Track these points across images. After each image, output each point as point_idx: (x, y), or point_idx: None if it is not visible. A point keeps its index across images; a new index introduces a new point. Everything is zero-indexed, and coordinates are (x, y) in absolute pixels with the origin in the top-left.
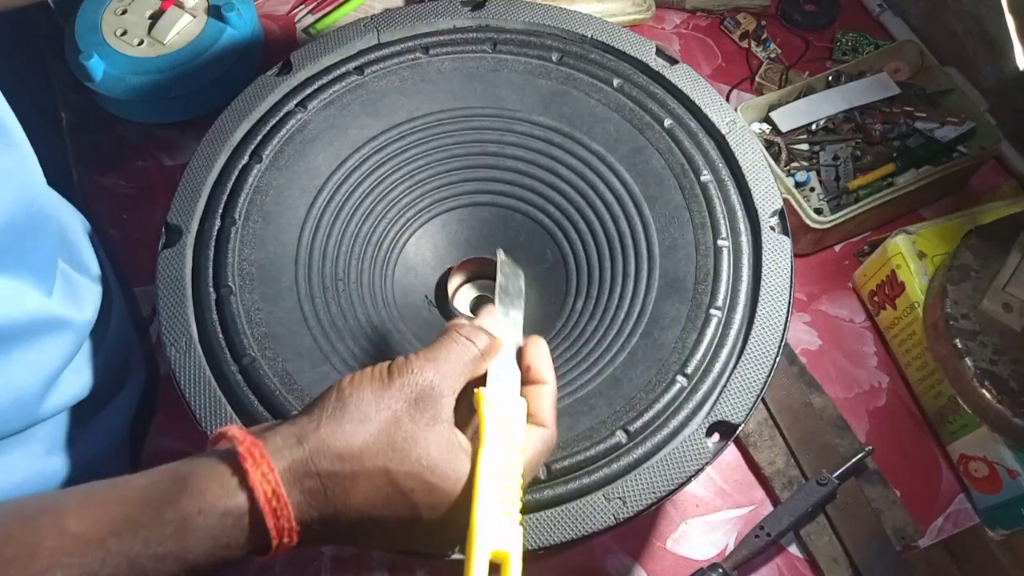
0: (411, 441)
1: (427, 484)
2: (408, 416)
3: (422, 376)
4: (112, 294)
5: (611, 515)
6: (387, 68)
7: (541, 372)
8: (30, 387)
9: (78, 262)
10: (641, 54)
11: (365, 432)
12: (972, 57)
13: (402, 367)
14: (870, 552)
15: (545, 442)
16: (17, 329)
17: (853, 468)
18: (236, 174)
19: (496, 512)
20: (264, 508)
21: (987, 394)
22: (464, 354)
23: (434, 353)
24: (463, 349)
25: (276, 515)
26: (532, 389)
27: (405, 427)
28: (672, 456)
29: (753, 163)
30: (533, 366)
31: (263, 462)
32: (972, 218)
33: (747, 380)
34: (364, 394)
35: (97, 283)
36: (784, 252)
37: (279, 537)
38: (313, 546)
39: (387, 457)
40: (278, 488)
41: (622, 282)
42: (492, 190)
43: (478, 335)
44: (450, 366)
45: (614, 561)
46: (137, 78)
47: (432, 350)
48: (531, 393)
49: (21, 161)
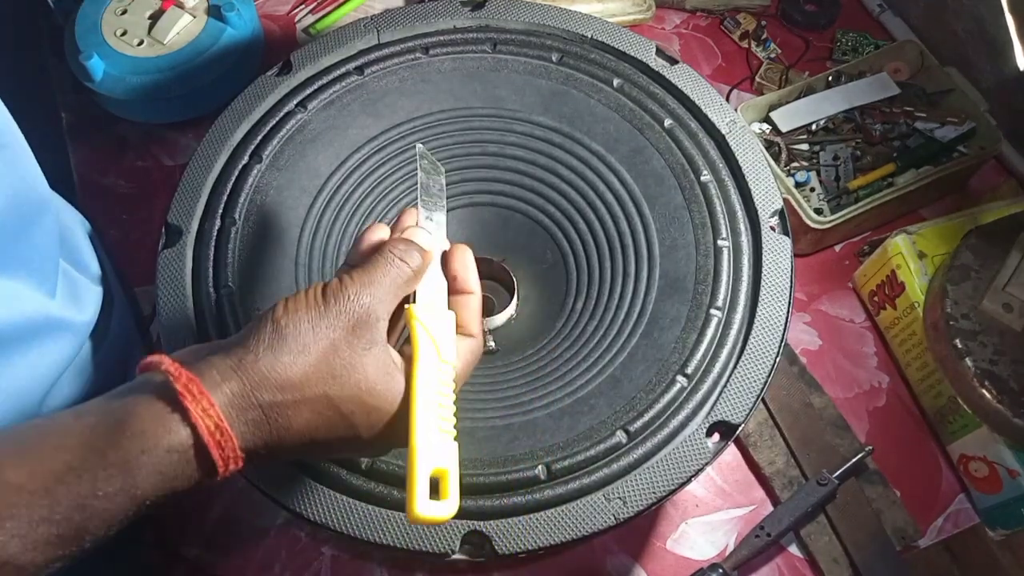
0: (349, 367)
1: (366, 406)
2: (346, 343)
3: (358, 302)
4: (113, 294)
5: (611, 515)
6: (387, 68)
7: (468, 282)
8: (30, 389)
9: (78, 262)
10: (641, 54)
11: (304, 362)
12: (972, 57)
13: (337, 292)
14: (870, 552)
15: (473, 352)
16: (16, 331)
17: (853, 468)
18: (236, 174)
19: (432, 430)
20: (208, 442)
21: (987, 394)
22: (399, 276)
23: (369, 276)
24: (397, 271)
25: (221, 447)
26: (459, 300)
27: (343, 354)
28: (672, 456)
29: (753, 163)
30: (459, 276)
31: (202, 398)
32: (972, 218)
33: (747, 380)
34: (300, 323)
35: (97, 284)
36: (784, 252)
37: (225, 465)
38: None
39: (327, 384)
40: (220, 422)
41: (622, 282)
42: (492, 190)
43: (411, 254)
44: (385, 289)
45: (614, 561)
46: (137, 78)
47: (367, 272)
48: (458, 304)
49: (14, 160)
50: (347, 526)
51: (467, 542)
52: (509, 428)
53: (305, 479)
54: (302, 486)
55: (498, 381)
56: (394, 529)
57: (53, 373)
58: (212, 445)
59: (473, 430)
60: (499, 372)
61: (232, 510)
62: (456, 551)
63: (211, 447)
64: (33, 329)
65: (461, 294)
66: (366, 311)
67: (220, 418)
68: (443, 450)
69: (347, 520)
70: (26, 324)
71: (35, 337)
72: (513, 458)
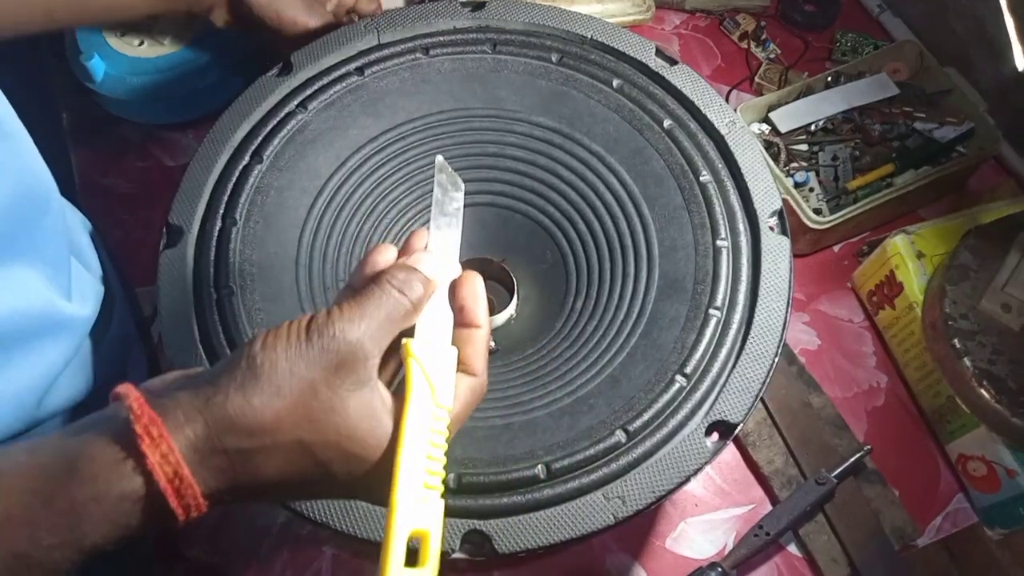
0: (329, 411)
1: (345, 453)
2: (326, 384)
3: (345, 338)
4: (113, 294)
5: (610, 514)
6: (387, 69)
7: (476, 315)
8: (30, 388)
9: (81, 260)
10: (641, 55)
11: (278, 404)
12: (972, 57)
13: (323, 327)
14: (869, 551)
15: (474, 392)
16: (26, 324)
17: (852, 467)
18: (237, 175)
19: (417, 488)
20: (166, 490)
21: (985, 394)
22: (395, 309)
23: (361, 309)
24: (394, 304)
25: (180, 494)
26: (463, 333)
27: (323, 396)
28: (671, 455)
29: (752, 163)
30: (467, 307)
31: (162, 442)
32: (971, 218)
33: (746, 380)
34: (278, 361)
35: (99, 282)
36: (783, 252)
37: (186, 513)
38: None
39: (302, 429)
40: (180, 469)
41: (622, 282)
42: (492, 190)
43: (412, 285)
44: (378, 323)
45: (614, 560)
46: (138, 78)
47: (359, 305)
48: (462, 338)
49: (18, 151)
50: (348, 525)
51: (467, 541)
52: (509, 427)
53: None
54: None
55: (498, 381)
56: None
57: (52, 372)
58: (170, 493)
59: (473, 430)
60: (499, 372)
61: (233, 509)
62: (456, 550)
63: (168, 495)
64: (39, 324)
65: (467, 327)
66: (353, 349)
67: (180, 464)
68: (426, 510)
69: (347, 519)
70: (36, 317)
71: (40, 333)
72: (513, 457)
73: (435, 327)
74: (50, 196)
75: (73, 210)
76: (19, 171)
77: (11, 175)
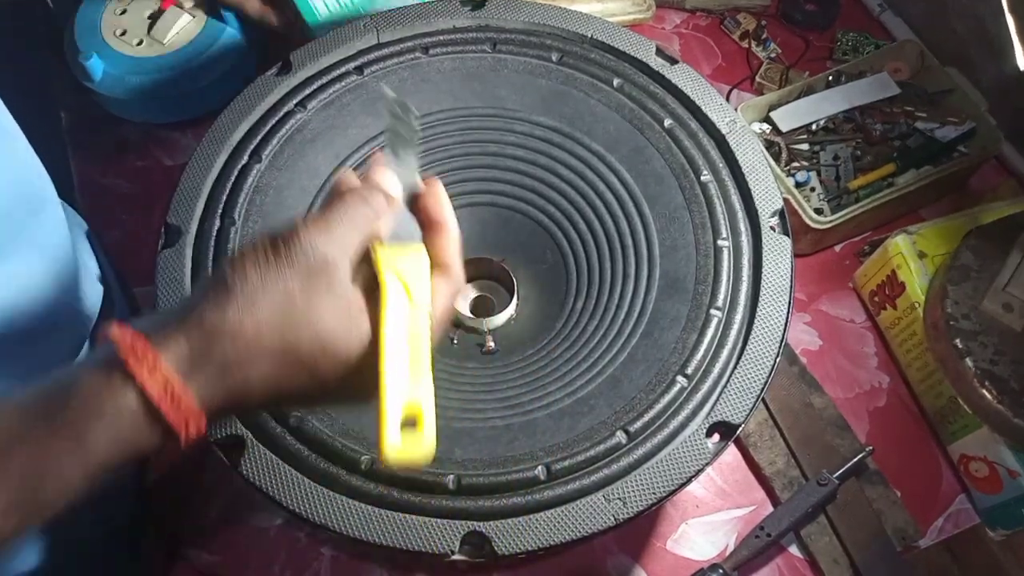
0: (306, 315)
1: (328, 352)
2: (301, 291)
3: (314, 249)
4: (112, 296)
5: (611, 516)
6: (387, 68)
7: (441, 216)
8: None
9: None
10: (641, 54)
11: (254, 315)
12: (972, 57)
13: (290, 240)
14: (870, 552)
15: (453, 287)
16: (27, 319)
17: (853, 468)
18: (236, 174)
19: (404, 368)
20: (160, 401)
21: (987, 394)
22: (359, 218)
23: (326, 221)
24: (357, 213)
25: (176, 407)
26: (433, 236)
27: (298, 303)
28: (672, 457)
29: (753, 163)
30: (431, 211)
31: (147, 357)
32: (972, 218)
33: (747, 380)
34: (248, 276)
35: (97, 282)
36: (784, 252)
37: (183, 425)
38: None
39: (282, 334)
40: (170, 380)
41: (622, 282)
42: (492, 190)
43: (373, 195)
44: (344, 232)
45: (614, 561)
46: (137, 78)
47: (323, 218)
48: (432, 240)
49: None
50: (347, 527)
51: (467, 542)
52: (509, 428)
53: (305, 480)
54: (302, 486)
55: (498, 381)
56: (394, 530)
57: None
58: (165, 407)
59: (473, 430)
60: (499, 372)
61: (232, 510)
62: (456, 551)
63: (163, 408)
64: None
65: (434, 230)
66: (323, 256)
67: (169, 375)
68: (417, 386)
69: (347, 521)
70: (37, 315)
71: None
72: (513, 458)
73: (403, 235)
74: (46, 194)
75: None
76: (16, 168)
77: (7, 171)
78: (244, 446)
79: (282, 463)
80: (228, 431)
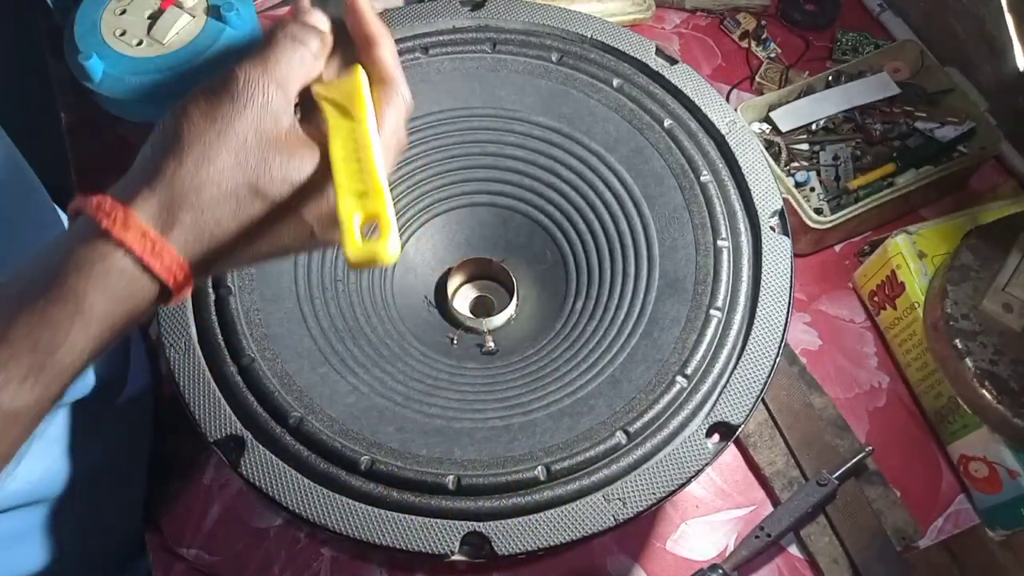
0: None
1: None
2: (253, 133)
3: (261, 94)
4: None
5: (611, 516)
6: None
7: (369, 30)
8: None
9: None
10: (641, 54)
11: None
12: (972, 57)
13: (233, 86)
14: (870, 553)
15: (395, 96)
16: None
17: (853, 468)
18: None
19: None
20: (142, 255)
21: (987, 394)
22: (299, 59)
23: (265, 61)
24: (296, 53)
25: (159, 258)
26: (367, 52)
27: (252, 145)
28: (672, 457)
29: (753, 163)
30: (359, 28)
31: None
32: (972, 218)
33: (747, 381)
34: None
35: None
36: (784, 252)
37: (173, 279)
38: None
39: (241, 172)
40: (148, 235)
41: (622, 282)
42: (492, 190)
43: (310, 35)
44: (285, 71)
45: (614, 562)
46: (136, 78)
47: (263, 58)
48: (368, 57)
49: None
50: (346, 527)
51: (467, 543)
52: (509, 429)
53: (305, 480)
54: (302, 487)
55: (498, 381)
56: (393, 530)
57: None
58: (147, 257)
59: (473, 431)
60: (499, 372)
61: (232, 510)
62: (456, 552)
63: (145, 259)
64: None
65: (368, 48)
66: (269, 102)
67: (146, 231)
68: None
69: (346, 521)
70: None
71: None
72: (513, 459)
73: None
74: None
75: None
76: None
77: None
78: (244, 446)
79: (282, 463)
80: (228, 431)
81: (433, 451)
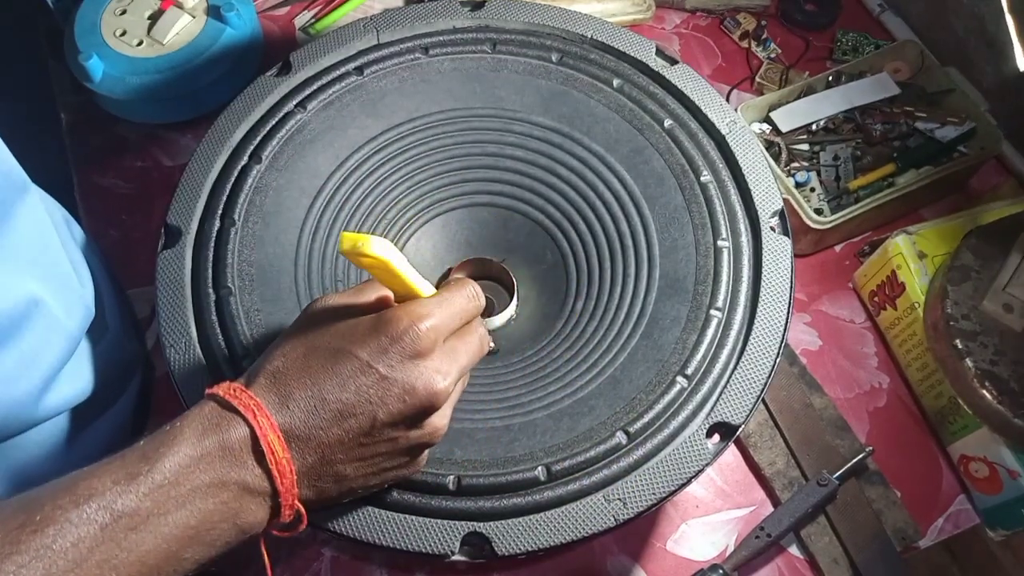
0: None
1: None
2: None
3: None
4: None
5: (611, 516)
6: (387, 69)
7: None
8: (26, 384)
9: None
10: (641, 54)
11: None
12: (972, 57)
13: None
14: (870, 553)
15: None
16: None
17: (853, 469)
18: (235, 175)
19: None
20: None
21: (987, 395)
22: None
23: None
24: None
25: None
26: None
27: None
28: (672, 457)
29: (753, 163)
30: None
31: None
32: (972, 218)
33: (747, 381)
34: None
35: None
36: (784, 252)
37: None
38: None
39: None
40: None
41: (622, 283)
42: (492, 190)
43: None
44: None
45: (614, 562)
46: (136, 78)
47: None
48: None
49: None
50: (347, 527)
51: (467, 543)
52: (509, 429)
53: None
54: None
55: (498, 382)
56: (394, 530)
57: (48, 368)
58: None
59: (473, 431)
60: (499, 373)
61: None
62: (456, 552)
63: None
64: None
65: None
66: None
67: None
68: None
69: (347, 521)
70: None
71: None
72: (513, 459)
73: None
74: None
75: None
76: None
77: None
78: None
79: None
80: None
81: (433, 451)
